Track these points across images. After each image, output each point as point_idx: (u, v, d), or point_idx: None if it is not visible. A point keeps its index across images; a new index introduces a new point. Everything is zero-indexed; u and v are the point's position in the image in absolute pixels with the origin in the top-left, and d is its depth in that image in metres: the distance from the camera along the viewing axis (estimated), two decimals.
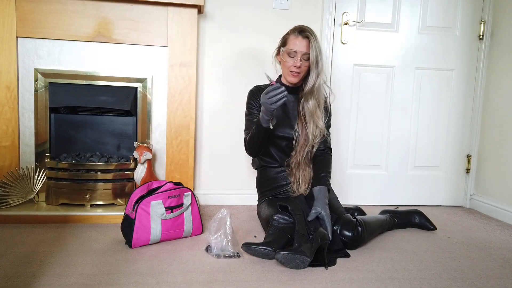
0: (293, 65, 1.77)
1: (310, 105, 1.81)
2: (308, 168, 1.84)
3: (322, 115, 1.83)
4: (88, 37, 1.97)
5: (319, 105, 1.82)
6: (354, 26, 2.32)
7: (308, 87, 1.80)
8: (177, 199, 1.64)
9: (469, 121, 2.48)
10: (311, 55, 1.74)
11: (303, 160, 1.83)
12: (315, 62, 1.76)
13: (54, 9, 1.93)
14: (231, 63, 2.26)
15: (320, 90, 1.82)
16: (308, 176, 1.83)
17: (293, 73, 1.80)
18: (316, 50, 1.75)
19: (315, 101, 1.81)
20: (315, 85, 1.79)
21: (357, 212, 2.05)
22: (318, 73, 1.78)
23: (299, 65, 1.76)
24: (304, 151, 1.82)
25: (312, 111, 1.81)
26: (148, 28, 2.01)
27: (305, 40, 1.77)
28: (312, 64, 1.76)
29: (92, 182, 1.93)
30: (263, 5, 2.24)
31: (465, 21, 2.40)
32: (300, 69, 1.78)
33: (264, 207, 1.84)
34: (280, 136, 1.85)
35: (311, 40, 1.75)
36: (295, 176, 1.84)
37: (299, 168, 1.83)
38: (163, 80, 2.07)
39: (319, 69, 1.77)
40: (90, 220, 1.85)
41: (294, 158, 1.84)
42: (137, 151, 1.92)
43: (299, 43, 1.77)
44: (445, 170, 2.50)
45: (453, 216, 2.28)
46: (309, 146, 1.81)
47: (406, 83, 2.40)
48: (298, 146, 1.83)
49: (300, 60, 1.76)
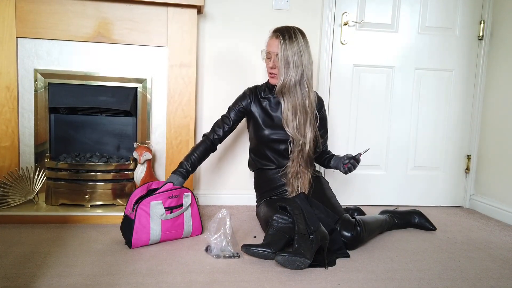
0: (268, 66, 1.78)
1: (284, 106, 1.77)
2: (307, 173, 1.83)
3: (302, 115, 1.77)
4: (87, 37, 1.97)
5: (297, 105, 1.76)
6: (354, 27, 2.32)
7: (277, 87, 1.76)
8: (177, 199, 1.64)
9: (468, 122, 2.49)
10: (279, 54, 1.71)
11: (301, 168, 1.82)
12: (284, 62, 1.70)
13: (54, 9, 1.93)
14: (231, 63, 2.26)
15: (295, 90, 1.74)
16: (307, 182, 1.82)
17: (270, 74, 1.80)
18: (287, 50, 1.70)
19: (289, 103, 1.76)
20: (285, 84, 1.72)
21: (356, 212, 2.05)
22: (290, 72, 1.71)
23: (272, 65, 1.76)
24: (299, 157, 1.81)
25: (286, 113, 1.77)
26: (148, 28, 2.01)
27: (277, 40, 1.74)
28: (280, 63, 1.71)
29: (91, 182, 1.93)
30: (263, 5, 2.24)
31: (465, 22, 2.40)
32: (275, 70, 1.76)
33: (263, 208, 1.84)
34: (273, 140, 1.84)
35: (280, 40, 1.72)
36: (293, 186, 1.82)
37: (297, 176, 1.82)
38: (163, 81, 2.07)
39: (292, 68, 1.70)
40: (90, 221, 1.85)
41: (291, 168, 1.82)
42: (137, 151, 1.92)
43: (272, 42, 1.76)
44: (444, 170, 2.50)
45: (453, 216, 2.28)
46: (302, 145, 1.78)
47: (406, 84, 2.41)
48: (294, 155, 1.82)
49: (273, 61, 1.75)
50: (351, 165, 1.73)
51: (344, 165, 1.75)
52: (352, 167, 1.74)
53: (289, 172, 1.83)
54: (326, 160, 1.94)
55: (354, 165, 1.74)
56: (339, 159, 1.82)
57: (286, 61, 1.70)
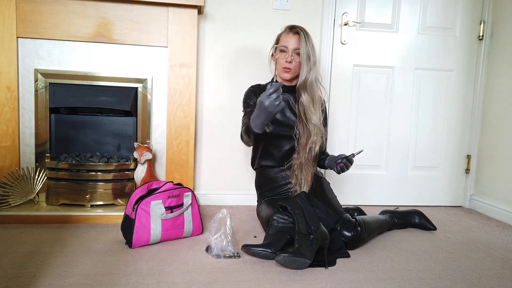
0: (285, 60, 1.80)
1: (304, 99, 1.82)
2: (310, 168, 1.85)
3: (317, 112, 1.84)
4: (88, 37, 1.97)
5: (313, 100, 1.83)
6: (354, 27, 2.32)
7: (300, 82, 1.82)
8: (177, 199, 1.64)
9: (468, 122, 2.49)
10: (301, 50, 1.78)
11: (306, 160, 1.83)
12: (306, 57, 1.78)
13: (54, 9, 1.93)
14: (231, 63, 2.26)
15: (313, 86, 1.82)
16: (310, 175, 1.84)
17: (285, 69, 1.83)
18: (307, 45, 1.79)
19: (309, 96, 1.82)
20: (307, 79, 1.80)
21: (357, 212, 2.05)
22: (310, 68, 1.79)
23: (290, 59, 1.80)
24: (306, 151, 1.83)
25: (306, 106, 1.82)
26: (148, 28, 2.01)
27: (296, 36, 1.81)
28: (302, 59, 1.78)
29: (92, 182, 1.93)
30: (263, 5, 2.24)
31: (465, 22, 2.40)
32: (292, 65, 1.81)
33: (263, 207, 1.84)
34: (280, 136, 1.86)
35: (301, 36, 1.80)
36: (297, 177, 1.85)
37: (301, 169, 1.84)
38: (163, 81, 2.07)
39: (311, 64, 1.79)
40: (90, 220, 1.85)
41: (297, 160, 1.85)
42: (137, 151, 1.92)
43: (290, 39, 1.81)
44: (444, 170, 2.50)
45: (453, 216, 2.28)
46: (312, 143, 1.82)
47: (406, 84, 2.41)
48: (301, 147, 1.84)
49: (291, 55, 1.79)
50: (344, 165, 1.73)
51: (336, 165, 1.75)
52: (345, 167, 1.74)
53: (294, 163, 1.86)
54: (321, 160, 1.94)
55: (347, 165, 1.74)
56: (333, 159, 1.82)
57: (308, 56, 1.77)
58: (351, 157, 1.74)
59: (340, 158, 1.75)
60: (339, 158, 1.76)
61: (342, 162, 1.73)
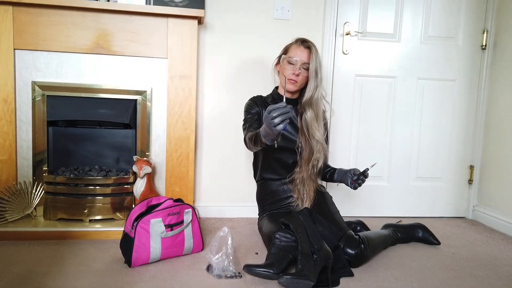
0: (292, 72, 1.77)
1: (308, 116, 1.80)
2: (313, 182, 1.83)
3: (320, 127, 1.82)
4: (87, 49, 1.94)
5: (317, 117, 1.82)
6: (356, 36, 2.29)
7: (306, 98, 1.80)
8: (177, 216, 1.61)
9: (471, 132, 2.46)
10: (311, 66, 1.76)
11: (308, 175, 1.81)
12: (314, 73, 1.77)
13: (52, 20, 1.89)
14: (231, 74, 2.23)
15: (318, 103, 1.82)
16: (312, 190, 1.82)
17: (292, 81, 1.80)
18: (316, 61, 1.77)
19: (313, 113, 1.81)
20: (313, 96, 1.79)
21: (359, 226, 2.02)
22: (317, 85, 1.79)
23: (298, 73, 1.77)
24: (309, 166, 1.81)
25: (310, 123, 1.80)
26: (148, 39, 1.98)
27: (306, 50, 1.79)
28: (311, 75, 1.77)
29: (90, 196, 1.90)
30: (264, 15, 2.21)
31: (468, 31, 2.38)
32: (298, 78, 1.78)
33: (265, 223, 1.81)
34: (281, 148, 1.83)
35: (312, 51, 1.78)
36: (299, 192, 1.82)
37: (304, 183, 1.81)
38: (163, 92, 2.04)
39: (318, 81, 1.79)
40: (89, 236, 1.82)
41: (299, 174, 1.82)
42: (137, 165, 1.89)
43: (300, 52, 1.79)
44: (447, 181, 2.47)
45: (456, 228, 2.25)
46: (314, 160, 1.80)
47: (408, 93, 2.38)
48: (303, 161, 1.82)
49: (299, 69, 1.77)
50: (361, 181, 1.72)
51: (352, 181, 1.74)
52: (362, 182, 1.72)
53: (296, 178, 1.83)
54: (328, 173, 1.93)
55: (363, 181, 1.73)
56: (344, 173, 1.81)
57: (316, 73, 1.76)
58: (366, 172, 1.71)
59: (355, 175, 1.73)
60: (353, 174, 1.75)
61: (359, 179, 1.71)
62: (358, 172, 1.75)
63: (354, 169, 1.79)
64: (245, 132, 1.78)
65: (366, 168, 1.72)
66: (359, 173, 1.73)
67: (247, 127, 1.80)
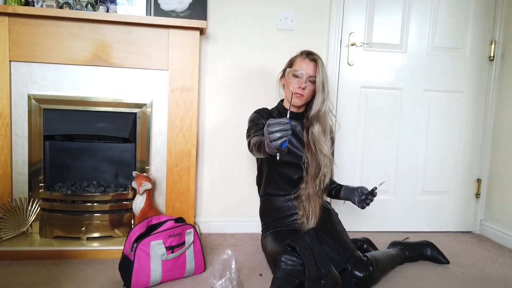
0: (298, 86, 1.71)
1: (316, 130, 1.74)
2: (319, 199, 1.77)
3: (327, 141, 1.77)
4: (85, 60, 1.88)
5: (324, 131, 1.76)
6: (361, 47, 2.24)
7: (313, 112, 1.74)
8: (179, 237, 1.55)
9: (479, 145, 2.41)
10: (317, 79, 1.70)
11: (315, 191, 1.75)
12: (321, 86, 1.71)
13: (50, 31, 1.83)
14: (234, 85, 2.17)
15: (326, 116, 1.76)
16: (318, 207, 1.76)
17: (297, 95, 1.73)
18: (323, 74, 1.71)
19: (321, 127, 1.74)
20: (321, 110, 1.73)
21: (365, 244, 1.96)
22: (324, 98, 1.73)
23: (304, 86, 1.71)
24: (316, 182, 1.75)
25: (317, 138, 1.74)
26: (148, 51, 1.92)
27: (312, 63, 1.73)
28: (318, 88, 1.71)
29: (88, 213, 1.83)
30: (267, 26, 2.16)
31: (475, 42, 2.33)
32: (304, 92, 1.72)
33: (269, 241, 1.75)
34: (286, 163, 1.78)
35: (318, 64, 1.71)
36: (305, 209, 1.76)
37: (310, 200, 1.76)
38: (163, 105, 1.97)
39: (325, 94, 1.73)
40: (86, 256, 1.75)
41: (305, 191, 1.76)
42: (136, 181, 1.83)
43: (306, 65, 1.72)
44: (454, 195, 2.42)
45: (464, 245, 2.19)
46: (322, 175, 1.74)
47: (415, 105, 2.32)
48: (309, 177, 1.76)
49: (305, 82, 1.71)
50: (369, 201, 1.66)
51: (359, 201, 1.68)
52: (370, 202, 1.67)
53: (302, 194, 1.77)
54: (334, 190, 1.87)
55: (372, 200, 1.67)
56: (351, 191, 1.75)
57: (323, 86, 1.70)
58: (374, 190, 1.65)
59: (363, 194, 1.67)
60: (361, 193, 1.69)
61: (368, 199, 1.66)
62: (366, 191, 1.69)
63: (361, 187, 1.73)
64: (251, 136, 1.69)
65: (374, 187, 1.66)
66: (367, 192, 1.67)
67: (252, 132, 1.71)
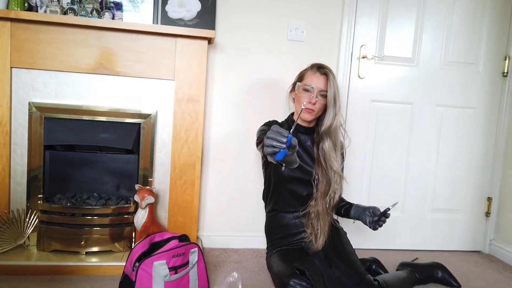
0: (308, 101, 1.65)
1: (326, 145, 1.68)
2: (328, 217, 1.71)
3: (338, 157, 1.71)
4: (88, 68, 1.82)
5: (335, 147, 1.70)
6: (373, 60, 2.18)
7: (324, 127, 1.67)
8: (183, 257, 1.49)
9: (490, 162, 2.35)
10: (329, 93, 1.63)
11: (324, 209, 1.69)
12: (333, 101, 1.64)
13: (53, 38, 1.77)
14: (241, 96, 2.11)
15: (337, 132, 1.70)
16: (327, 226, 1.70)
17: (308, 110, 1.67)
18: (334, 88, 1.64)
19: (331, 143, 1.68)
20: (332, 125, 1.66)
21: (374, 264, 1.89)
22: (336, 113, 1.66)
23: (315, 101, 1.64)
24: (326, 200, 1.69)
25: (328, 153, 1.68)
26: (154, 60, 1.86)
27: (323, 77, 1.66)
28: (329, 103, 1.64)
29: (88, 227, 1.77)
30: (277, 36, 2.10)
31: (489, 57, 2.27)
32: (315, 106, 1.66)
33: (275, 261, 1.69)
34: (295, 179, 1.72)
35: (329, 78, 1.65)
36: (313, 227, 1.70)
37: (318, 217, 1.69)
38: (169, 116, 1.91)
39: (337, 109, 1.66)
40: (85, 272, 1.69)
41: (314, 208, 1.70)
42: (139, 194, 1.77)
43: (317, 79, 1.66)
44: (464, 213, 2.35)
45: (474, 266, 2.13)
46: (332, 192, 1.68)
47: (426, 121, 2.27)
48: (319, 194, 1.70)
49: (316, 96, 1.64)
50: (382, 223, 1.60)
51: (371, 221, 1.63)
52: (383, 223, 1.61)
53: (311, 211, 1.70)
54: (343, 208, 1.81)
55: (384, 222, 1.61)
56: (362, 211, 1.69)
57: (334, 100, 1.63)
58: (387, 211, 1.59)
59: (376, 215, 1.61)
60: (373, 214, 1.63)
61: (381, 221, 1.60)
62: (378, 211, 1.63)
63: (373, 207, 1.67)
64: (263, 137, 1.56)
65: (387, 208, 1.60)
66: (380, 213, 1.61)
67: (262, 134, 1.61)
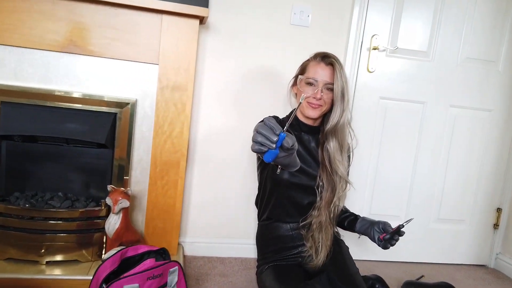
0: (313, 96, 1.42)
1: (331, 146, 1.44)
2: (331, 228, 1.49)
3: (344, 160, 1.47)
4: (56, 46, 1.53)
5: (341, 148, 1.46)
6: (384, 52, 1.94)
7: (330, 125, 1.43)
8: (159, 279, 1.25)
9: (503, 170, 2.15)
10: (336, 86, 1.39)
11: (327, 219, 1.46)
12: (340, 95, 1.40)
13: (13, 6, 1.47)
14: (236, 87, 1.85)
15: (344, 130, 1.46)
16: (330, 239, 1.48)
17: (312, 105, 1.43)
18: (342, 80, 1.40)
19: (337, 143, 1.45)
20: (339, 122, 1.42)
21: (378, 283, 1.69)
22: (343, 108, 1.42)
23: (320, 96, 1.40)
24: (330, 209, 1.46)
25: (333, 155, 1.44)
26: (135, 40, 1.58)
27: (329, 68, 1.42)
28: (336, 97, 1.40)
29: (50, 233, 1.50)
30: (279, 20, 1.83)
31: (510, 56, 2.06)
32: (321, 101, 1.42)
33: (268, 278, 1.45)
34: (295, 185, 1.47)
35: (336, 68, 1.40)
36: (314, 240, 1.47)
37: (321, 229, 1.47)
38: (150, 106, 1.65)
39: (345, 104, 1.42)
40: (45, 285, 1.43)
41: (317, 218, 1.47)
42: (111, 197, 1.51)
43: (321, 70, 1.42)
44: (471, 224, 2.17)
45: (481, 283, 1.96)
46: (336, 200, 1.46)
47: (437, 122, 2.05)
48: (323, 203, 1.46)
49: (321, 91, 1.40)
50: (395, 241, 1.39)
51: (380, 239, 1.42)
52: (395, 242, 1.39)
53: (313, 222, 1.47)
54: (346, 220, 1.59)
55: (397, 240, 1.40)
56: (370, 226, 1.47)
57: (342, 94, 1.40)
58: (401, 228, 1.38)
59: (387, 233, 1.39)
60: (384, 230, 1.42)
61: (394, 240, 1.39)
62: (390, 228, 1.42)
63: (383, 222, 1.45)
64: None
65: (401, 224, 1.39)
66: (393, 231, 1.39)
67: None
